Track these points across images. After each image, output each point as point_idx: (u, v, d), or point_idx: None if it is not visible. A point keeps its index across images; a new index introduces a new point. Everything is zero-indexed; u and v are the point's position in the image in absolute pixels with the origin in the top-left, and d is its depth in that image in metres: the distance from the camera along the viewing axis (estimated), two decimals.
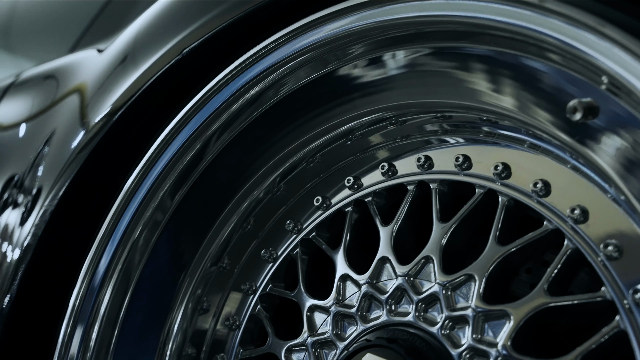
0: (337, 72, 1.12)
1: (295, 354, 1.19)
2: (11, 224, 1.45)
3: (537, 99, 0.93)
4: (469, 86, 1.02)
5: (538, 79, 0.92)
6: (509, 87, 0.97)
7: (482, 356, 0.97)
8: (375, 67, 1.10)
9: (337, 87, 1.14)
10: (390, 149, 1.20)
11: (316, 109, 1.19)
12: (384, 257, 1.12)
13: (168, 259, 1.27)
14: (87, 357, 1.21)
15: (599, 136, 0.86)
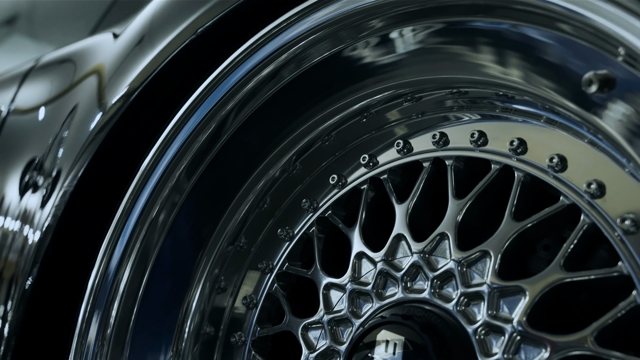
0: (351, 49, 1.12)
1: (312, 332, 1.19)
2: (31, 207, 1.47)
3: (553, 72, 0.92)
4: (482, 61, 1.00)
5: (553, 52, 0.91)
6: (523, 61, 0.95)
7: (498, 332, 0.97)
8: (388, 44, 1.09)
9: (350, 64, 1.13)
10: (405, 126, 1.20)
11: (330, 88, 1.18)
12: (400, 235, 1.11)
13: (185, 238, 1.28)
14: (107, 334, 1.22)
15: (615, 109, 0.85)
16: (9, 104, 1.84)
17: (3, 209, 1.57)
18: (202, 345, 1.30)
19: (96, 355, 1.21)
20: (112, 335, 1.22)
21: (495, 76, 1.00)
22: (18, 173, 1.60)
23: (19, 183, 1.57)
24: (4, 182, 1.65)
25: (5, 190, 1.62)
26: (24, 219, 1.47)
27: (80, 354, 1.22)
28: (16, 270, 1.41)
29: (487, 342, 0.98)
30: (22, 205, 1.50)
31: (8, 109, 1.83)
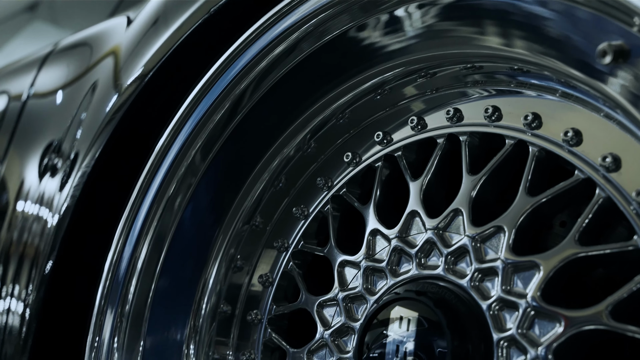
0: (363, 26, 1.11)
1: (327, 309, 1.20)
2: (50, 189, 1.48)
3: (566, 44, 0.91)
4: (495, 36, 0.99)
5: (567, 23, 0.89)
6: (537, 33, 0.94)
7: (512, 307, 0.96)
8: (400, 21, 1.08)
9: (363, 41, 1.12)
10: (419, 103, 1.19)
11: (343, 65, 1.18)
12: (414, 211, 1.11)
13: (201, 217, 1.29)
14: (126, 311, 1.23)
15: (629, 80, 0.84)
16: (28, 88, 1.86)
17: (23, 192, 1.59)
18: (219, 323, 1.31)
19: (115, 331, 1.23)
20: (130, 311, 1.23)
21: (509, 50, 0.99)
22: (37, 156, 1.61)
23: (38, 166, 1.59)
24: (24, 166, 1.67)
25: (25, 174, 1.64)
26: (43, 202, 1.49)
27: (99, 331, 1.23)
28: (36, 253, 1.43)
29: (501, 317, 0.97)
30: (41, 189, 1.52)
31: (28, 94, 1.85)
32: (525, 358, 0.93)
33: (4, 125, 1.85)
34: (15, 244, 1.52)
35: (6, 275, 1.49)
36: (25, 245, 1.48)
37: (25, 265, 1.45)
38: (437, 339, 0.98)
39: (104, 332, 1.23)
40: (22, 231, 1.51)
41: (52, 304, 1.39)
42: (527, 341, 0.94)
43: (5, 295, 1.47)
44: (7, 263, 1.51)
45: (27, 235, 1.49)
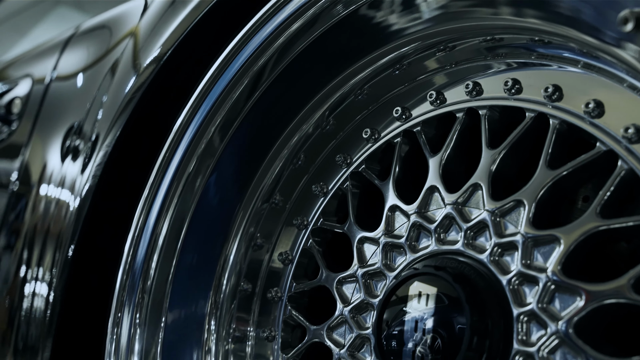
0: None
1: (346, 285, 1.19)
2: (72, 172, 1.49)
3: (587, 11, 0.88)
4: (512, 6, 0.97)
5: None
6: (557, 2, 0.92)
7: (532, 282, 0.95)
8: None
9: (380, 14, 1.11)
10: (438, 77, 1.18)
11: (361, 39, 1.17)
12: (433, 187, 1.10)
13: (221, 194, 1.29)
14: (148, 286, 1.24)
15: None
16: (51, 72, 1.87)
17: (46, 176, 1.61)
18: (240, 300, 1.31)
19: (137, 305, 1.24)
20: (152, 286, 1.24)
21: (528, 20, 0.97)
22: (59, 139, 1.63)
23: (60, 149, 1.60)
24: (47, 149, 1.68)
25: (48, 158, 1.65)
26: (65, 185, 1.50)
27: (121, 305, 1.24)
28: (59, 236, 1.44)
29: (521, 291, 0.96)
30: (63, 171, 1.53)
31: (51, 77, 1.86)
32: (545, 332, 0.92)
33: (28, 109, 1.86)
34: (39, 227, 1.54)
35: (31, 259, 1.51)
36: (49, 229, 1.50)
37: (49, 248, 1.47)
38: (456, 314, 0.97)
39: (126, 307, 1.24)
40: (45, 215, 1.53)
41: (76, 286, 1.41)
42: (547, 315, 0.92)
43: (30, 279, 1.49)
44: (32, 246, 1.53)
45: (50, 219, 1.51)
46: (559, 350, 0.91)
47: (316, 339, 1.20)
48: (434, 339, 0.99)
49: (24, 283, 1.49)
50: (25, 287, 1.49)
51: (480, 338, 0.95)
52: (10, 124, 1.93)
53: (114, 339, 1.24)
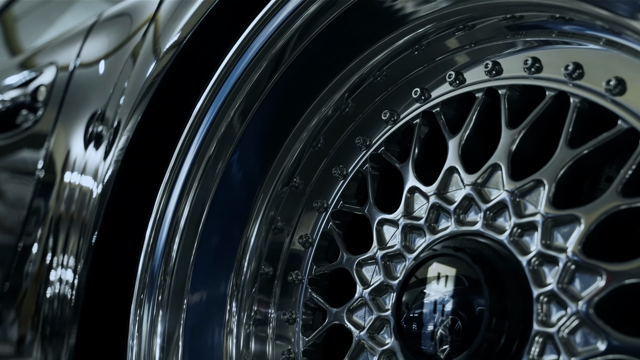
0: None
1: (366, 268, 1.19)
2: (95, 158, 1.51)
3: None
4: None
5: None
6: None
7: (551, 262, 0.94)
8: None
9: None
10: (458, 57, 1.17)
11: (378, 20, 1.16)
12: (452, 167, 1.09)
13: (242, 176, 1.29)
14: (170, 268, 1.25)
15: None
16: (75, 59, 1.89)
17: (69, 163, 1.62)
18: (261, 283, 1.32)
19: (159, 287, 1.25)
20: (174, 268, 1.25)
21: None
22: (83, 126, 1.64)
23: (83, 136, 1.62)
24: (70, 136, 1.70)
25: (72, 145, 1.67)
26: (88, 172, 1.52)
27: (143, 287, 1.26)
28: (83, 222, 1.46)
29: (541, 272, 0.95)
30: (86, 158, 1.54)
31: (74, 64, 1.88)
32: (566, 313, 0.91)
33: (53, 96, 1.88)
34: (63, 214, 1.56)
35: (56, 246, 1.53)
36: (73, 215, 1.51)
37: (73, 234, 1.49)
38: (475, 295, 0.97)
39: (149, 288, 1.26)
40: (69, 202, 1.55)
41: (100, 272, 1.42)
42: (567, 296, 0.91)
43: (56, 265, 1.51)
44: (57, 234, 1.55)
45: (74, 206, 1.52)
46: (579, 331, 0.90)
47: (336, 321, 1.21)
48: (453, 320, 0.99)
49: (50, 270, 1.51)
50: (51, 273, 1.51)
51: (499, 319, 0.95)
52: (36, 112, 1.95)
53: (137, 321, 1.25)
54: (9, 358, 1.60)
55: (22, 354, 1.55)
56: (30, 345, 1.51)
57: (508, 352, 0.95)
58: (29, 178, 1.80)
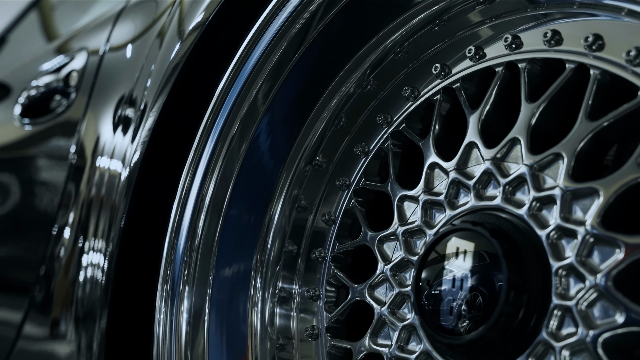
0: None
1: (387, 244, 1.20)
2: (123, 142, 1.53)
3: None
4: None
5: None
6: None
7: (570, 235, 0.94)
8: None
9: None
10: (478, 32, 1.16)
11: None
12: (471, 143, 1.09)
13: (265, 155, 1.31)
14: (195, 245, 1.27)
15: None
16: (105, 44, 1.92)
17: (99, 147, 1.65)
18: (285, 261, 1.33)
19: (185, 263, 1.27)
20: (199, 245, 1.27)
21: None
22: (112, 110, 1.67)
23: (112, 120, 1.64)
24: (100, 120, 1.73)
25: (101, 129, 1.70)
26: (117, 155, 1.54)
27: (170, 263, 1.28)
28: (112, 206, 1.48)
29: (560, 245, 0.95)
30: (115, 141, 1.57)
31: (104, 49, 1.91)
32: (584, 286, 0.91)
33: (84, 82, 1.91)
34: (94, 198, 1.58)
35: (88, 230, 1.56)
36: (103, 200, 1.54)
37: (103, 218, 1.51)
38: (493, 269, 0.97)
39: (175, 265, 1.28)
40: (99, 186, 1.57)
41: (128, 255, 1.44)
42: (586, 269, 0.91)
43: (88, 249, 1.53)
44: (88, 218, 1.58)
45: (104, 190, 1.55)
46: (598, 304, 0.90)
47: (358, 298, 1.22)
48: (471, 294, 0.99)
49: (82, 253, 1.54)
50: (82, 257, 1.54)
51: (517, 292, 0.94)
52: (68, 97, 1.99)
53: (164, 296, 1.28)
54: (44, 340, 1.64)
55: (56, 336, 1.59)
56: (65, 328, 1.54)
57: (526, 325, 0.95)
58: (62, 163, 1.83)
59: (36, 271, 1.72)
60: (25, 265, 1.86)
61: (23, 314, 1.73)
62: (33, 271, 1.73)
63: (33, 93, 2.12)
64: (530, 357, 0.95)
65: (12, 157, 2.19)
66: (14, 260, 1.99)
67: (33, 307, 1.70)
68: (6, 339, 1.76)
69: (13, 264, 1.98)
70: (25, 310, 1.73)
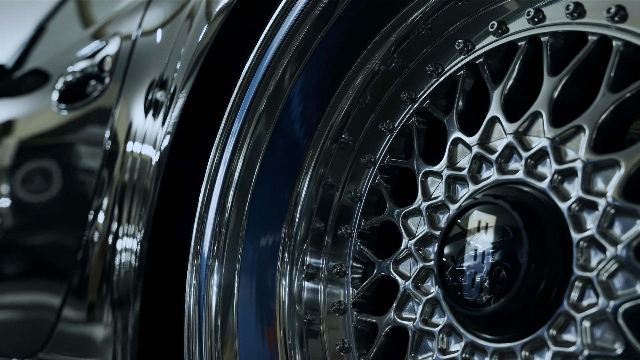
0: None
1: (411, 219, 1.21)
2: (153, 126, 1.55)
3: None
4: None
5: None
6: None
7: (591, 207, 0.94)
8: None
9: None
10: (501, 7, 1.16)
11: None
12: (494, 117, 1.09)
13: (292, 132, 1.32)
14: (225, 219, 1.30)
15: None
16: (137, 29, 1.95)
17: (132, 132, 1.67)
18: (312, 238, 1.35)
19: (215, 236, 1.30)
20: (229, 219, 1.30)
21: None
22: (143, 95, 1.70)
23: (144, 104, 1.67)
24: (133, 105, 1.75)
25: (134, 114, 1.72)
26: (148, 140, 1.56)
27: (199, 237, 1.31)
28: (143, 190, 1.51)
29: (581, 217, 0.95)
30: (146, 126, 1.59)
31: (136, 34, 1.94)
32: (605, 257, 0.91)
33: (117, 67, 1.95)
34: (127, 183, 1.61)
35: (121, 215, 1.59)
36: (135, 184, 1.56)
37: (136, 203, 1.53)
38: (515, 242, 0.97)
39: (205, 239, 1.31)
40: (132, 171, 1.59)
41: (160, 239, 1.47)
42: (607, 240, 0.91)
43: (121, 234, 1.56)
44: (122, 203, 1.60)
45: (136, 174, 1.57)
46: (619, 274, 0.90)
47: (384, 273, 1.23)
48: (492, 266, 1.00)
49: (116, 238, 1.57)
50: (117, 242, 1.57)
51: (538, 264, 0.95)
52: (102, 82, 2.02)
53: (194, 270, 1.31)
54: (82, 323, 1.68)
55: (93, 319, 1.62)
56: (101, 312, 1.57)
57: (548, 297, 0.95)
58: (98, 148, 1.86)
59: (74, 256, 1.75)
60: (64, 250, 1.90)
61: (62, 298, 1.77)
62: (71, 256, 1.77)
63: (69, 79, 2.17)
64: (551, 328, 0.95)
65: (51, 143, 2.23)
66: (53, 245, 2.03)
67: (71, 291, 1.74)
68: (47, 322, 1.81)
69: (53, 248, 2.03)
70: (64, 295, 1.76)
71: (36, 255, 2.13)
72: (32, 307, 1.99)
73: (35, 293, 2.00)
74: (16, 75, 2.74)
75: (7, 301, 2.14)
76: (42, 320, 1.84)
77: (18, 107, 2.56)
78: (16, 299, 2.12)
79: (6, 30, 4.87)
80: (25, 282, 2.13)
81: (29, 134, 2.38)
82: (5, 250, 2.23)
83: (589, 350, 0.91)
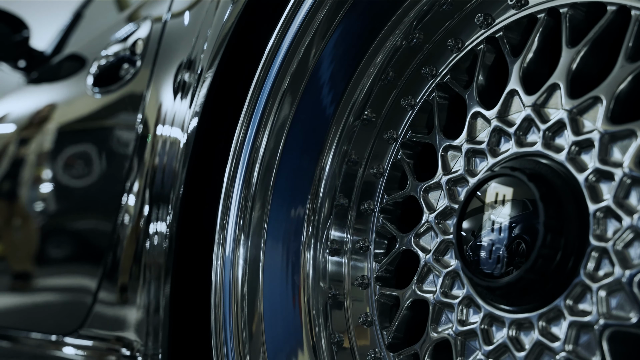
0: None
1: (431, 193, 1.22)
2: (182, 108, 1.58)
3: None
4: None
5: None
6: None
7: (608, 178, 0.94)
8: None
9: None
10: None
11: None
12: (513, 90, 1.09)
13: (315, 109, 1.34)
14: (250, 193, 1.32)
15: None
16: (166, 12, 1.98)
17: (161, 115, 1.70)
18: (336, 214, 1.37)
19: (241, 210, 1.33)
20: (254, 194, 1.32)
21: None
22: (172, 77, 1.72)
23: (172, 87, 1.69)
24: (163, 88, 1.78)
25: (163, 96, 1.75)
26: (176, 123, 1.59)
27: (226, 211, 1.34)
28: (173, 173, 1.53)
29: (598, 188, 0.95)
30: (175, 109, 1.62)
31: (166, 17, 1.97)
32: (621, 227, 0.91)
33: (148, 50, 1.98)
34: (157, 167, 1.63)
35: (152, 198, 1.62)
36: (165, 167, 1.59)
37: (165, 186, 1.55)
38: (532, 213, 0.98)
39: (231, 213, 1.33)
40: (162, 154, 1.62)
41: (189, 222, 1.50)
42: (623, 210, 0.91)
43: (152, 217, 1.59)
44: (152, 186, 1.63)
45: (165, 158, 1.59)
46: (635, 244, 0.90)
47: (405, 247, 1.25)
48: (510, 238, 1.00)
49: (148, 222, 1.60)
50: (149, 226, 1.60)
51: (555, 235, 0.96)
52: (134, 65, 2.06)
53: (220, 243, 1.34)
54: (116, 305, 1.72)
55: (126, 302, 1.66)
56: (134, 294, 1.61)
57: (564, 267, 0.96)
58: (131, 132, 1.89)
59: (108, 239, 1.79)
60: (100, 234, 1.93)
61: (98, 281, 1.81)
62: (106, 239, 1.81)
63: (103, 62, 2.21)
64: (568, 298, 0.96)
65: (86, 127, 2.28)
66: (91, 229, 2.08)
67: (106, 274, 1.78)
68: (84, 304, 1.85)
69: (90, 232, 2.07)
70: (100, 277, 1.81)
71: (75, 239, 2.17)
72: (71, 290, 2.04)
73: (74, 275, 2.05)
74: (55, 60, 2.80)
75: (50, 283, 2.21)
76: (80, 302, 1.89)
77: (56, 91, 2.62)
78: (57, 282, 2.17)
79: (49, 18, 4.96)
80: (65, 265, 2.18)
81: (67, 119, 2.43)
82: (47, 234, 2.29)
83: (605, 319, 0.91)
